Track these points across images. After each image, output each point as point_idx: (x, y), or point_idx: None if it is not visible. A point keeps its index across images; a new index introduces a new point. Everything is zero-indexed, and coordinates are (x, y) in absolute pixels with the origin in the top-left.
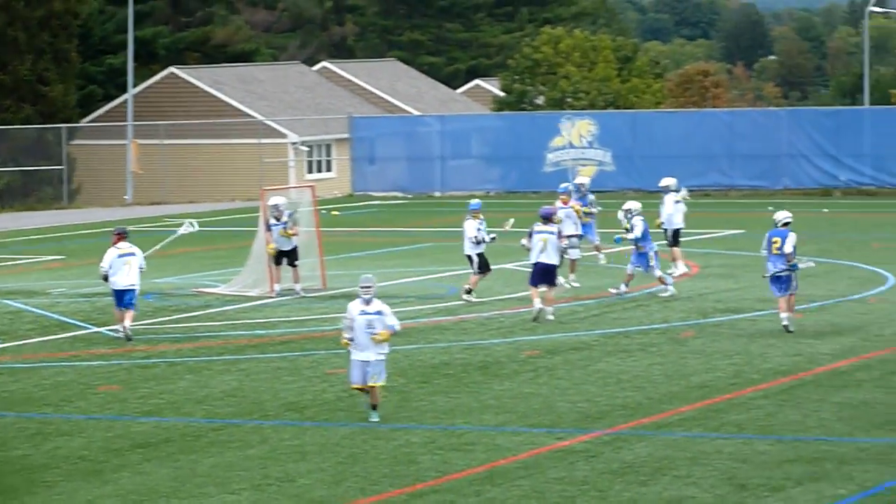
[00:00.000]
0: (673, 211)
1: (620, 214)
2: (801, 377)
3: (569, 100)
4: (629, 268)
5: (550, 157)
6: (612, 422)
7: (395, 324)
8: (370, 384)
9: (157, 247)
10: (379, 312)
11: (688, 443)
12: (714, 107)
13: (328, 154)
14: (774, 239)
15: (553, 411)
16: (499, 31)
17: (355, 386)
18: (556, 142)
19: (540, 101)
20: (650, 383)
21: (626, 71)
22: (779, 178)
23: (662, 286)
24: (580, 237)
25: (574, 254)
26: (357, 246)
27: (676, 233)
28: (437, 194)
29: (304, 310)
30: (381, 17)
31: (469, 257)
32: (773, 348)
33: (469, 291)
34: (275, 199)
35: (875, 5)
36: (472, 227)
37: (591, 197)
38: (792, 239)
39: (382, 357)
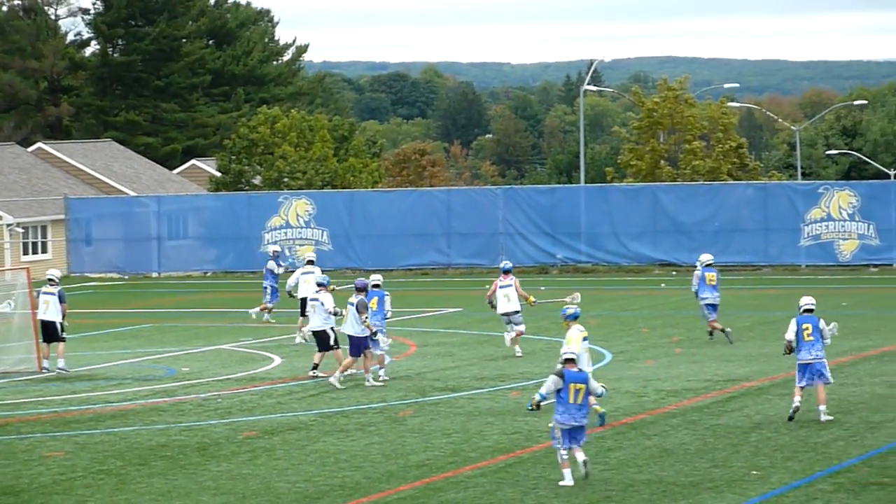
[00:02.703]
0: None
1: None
2: (519, 455)
3: (286, 179)
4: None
5: (268, 236)
6: (331, 502)
7: None
8: None
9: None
10: None
11: None
12: (431, 185)
13: (44, 236)
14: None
15: (271, 492)
16: (215, 111)
17: None
18: (274, 221)
19: (257, 181)
20: (368, 463)
21: (343, 150)
22: (496, 256)
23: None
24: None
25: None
26: (73, 328)
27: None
28: (155, 275)
29: (18, 392)
30: (97, 98)
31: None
32: (492, 426)
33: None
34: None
35: (589, 84)
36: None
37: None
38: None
39: None
